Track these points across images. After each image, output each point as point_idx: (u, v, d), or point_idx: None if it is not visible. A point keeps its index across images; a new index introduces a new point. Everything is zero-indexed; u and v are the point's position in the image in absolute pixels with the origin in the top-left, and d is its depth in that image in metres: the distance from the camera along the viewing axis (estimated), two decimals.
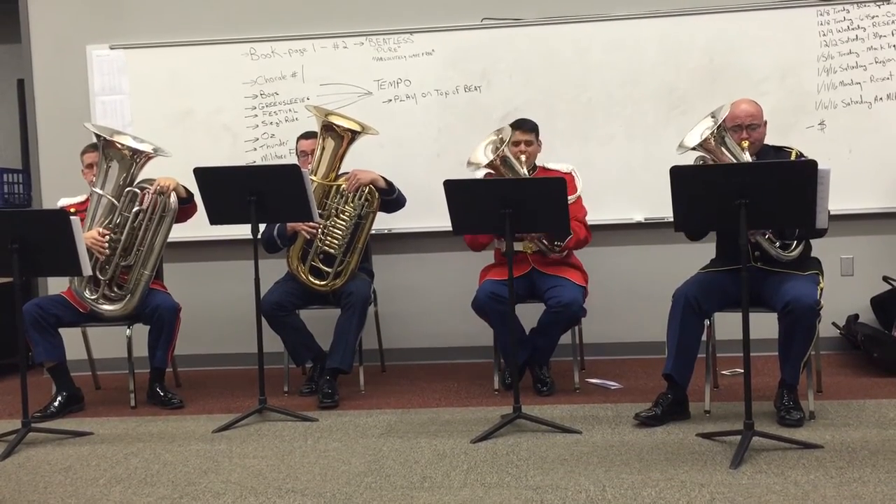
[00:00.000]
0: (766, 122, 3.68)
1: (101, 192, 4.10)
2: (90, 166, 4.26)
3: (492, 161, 3.90)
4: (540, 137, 4.22)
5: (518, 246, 4.10)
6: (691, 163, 3.59)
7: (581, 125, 4.84)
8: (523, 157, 4.08)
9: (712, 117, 3.49)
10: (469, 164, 3.96)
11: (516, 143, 4.11)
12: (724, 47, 4.75)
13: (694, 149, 3.49)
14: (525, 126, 4.16)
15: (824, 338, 4.19)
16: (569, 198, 4.00)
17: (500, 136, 3.96)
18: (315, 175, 4.22)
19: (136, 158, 4.09)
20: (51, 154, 5.12)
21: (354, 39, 4.95)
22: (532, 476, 3.01)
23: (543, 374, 4.18)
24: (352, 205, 4.27)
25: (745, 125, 3.59)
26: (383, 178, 4.30)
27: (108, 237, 4.08)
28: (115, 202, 4.11)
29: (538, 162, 4.25)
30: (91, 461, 3.41)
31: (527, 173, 4.05)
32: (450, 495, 2.86)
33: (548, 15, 4.85)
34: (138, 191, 4.13)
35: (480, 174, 4.07)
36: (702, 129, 3.49)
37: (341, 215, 4.27)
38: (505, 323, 3.84)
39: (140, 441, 3.66)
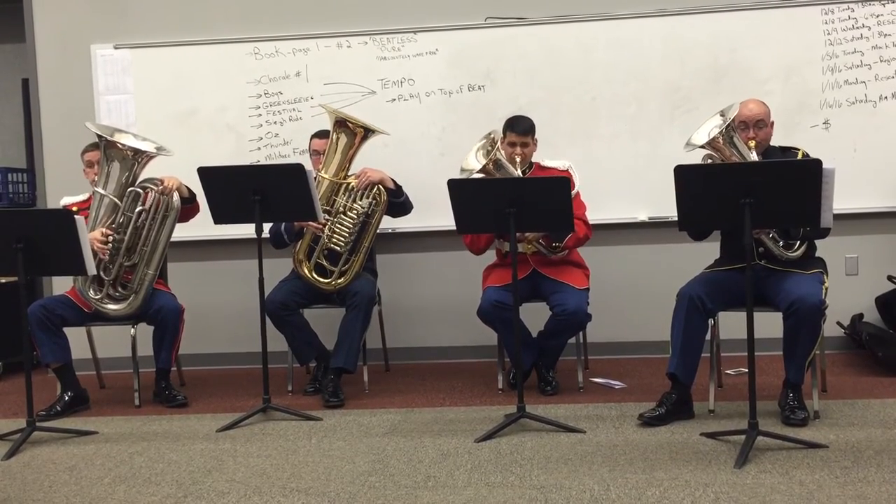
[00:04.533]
0: (773, 123, 3.68)
1: (103, 192, 4.10)
2: (91, 165, 4.27)
3: (484, 166, 3.84)
4: (537, 136, 4.15)
5: (518, 248, 4.09)
6: (698, 161, 3.58)
7: (585, 124, 4.84)
8: (518, 159, 4.01)
9: (721, 115, 3.49)
10: (462, 170, 3.91)
11: (512, 145, 4.05)
12: (729, 46, 4.74)
13: (702, 146, 3.49)
14: (520, 128, 4.07)
15: (829, 337, 4.19)
16: None
17: (492, 137, 3.91)
18: (325, 172, 4.22)
19: (138, 158, 4.09)
20: (55, 153, 5.12)
21: (358, 39, 4.95)
22: (536, 475, 3.01)
23: (549, 375, 4.18)
24: (360, 203, 4.27)
25: (751, 124, 3.60)
26: (393, 180, 4.31)
27: (111, 237, 4.08)
28: (118, 202, 4.11)
29: (534, 158, 4.20)
30: (96, 460, 3.42)
31: (520, 174, 3.98)
32: (454, 494, 2.86)
33: (551, 14, 4.84)
34: (141, 191, 4.13)
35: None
36: (710, 128, 3.49)
37: (349, 213, 4.27)
38: (511, 330, 3.83)
39: (144, 440, 3.67)
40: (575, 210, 4.04)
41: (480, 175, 3.92)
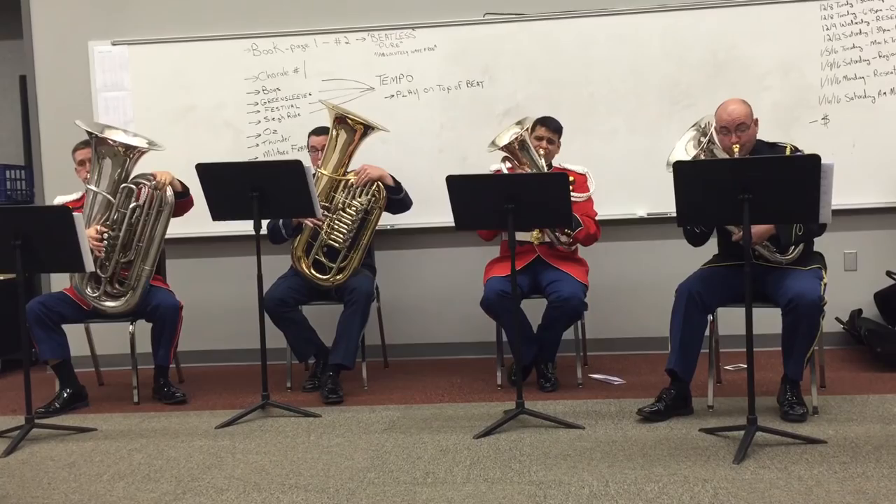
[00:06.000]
0: (756, 120, 3.61)
1: (96, 189, 4.09)
2: (82, 163, 4.26)
3: (510, 143, 3.93)
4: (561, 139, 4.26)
5: (526, 236, 4.12)
6: None
7: (584, 120, 4.83)
8: (542, 152, 4.11)
9: (696, 129, 3.44)
10: (491, 143, 4.01)
11: (539, 139, 4.15)
12: (728, 41, 4.74)
13: None
14: (550, 124, 4.20)
15: (828, 333, 4.19)
16: (580, 196, 4.15)
17: (524, 126, 3.99)
18: (325, 168, 4.22)
19: (130, 154, 4.08)
20: (53, 150, 5.11)
21: (356, 35, 4.94)
22: (535, 471, 3.01)
23: (548, 370, 4.19)
24: (359, 200, 4.27)
25: (733, 128, 3.52)
26: (392, 177, 4.31)
27: (106, 234, 4.08)
28: (111, 199, 4.10)
29: (555, 162, 4.26)
30: (94, 457, 3.42)
31: (544, 164, 4.08)
32: (453, 491, 2.87)
33: (550, 9, 4.84)
34: (134, 187, 4.12)
35: (496, 164, 4.12)
36: (685, 143, 3.44)
37: (348, 209, 4.27)
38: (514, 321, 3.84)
39: (143, 437, 3.67)
40: (587, 210, 4.18)
41: (504, 154, 4.03)
